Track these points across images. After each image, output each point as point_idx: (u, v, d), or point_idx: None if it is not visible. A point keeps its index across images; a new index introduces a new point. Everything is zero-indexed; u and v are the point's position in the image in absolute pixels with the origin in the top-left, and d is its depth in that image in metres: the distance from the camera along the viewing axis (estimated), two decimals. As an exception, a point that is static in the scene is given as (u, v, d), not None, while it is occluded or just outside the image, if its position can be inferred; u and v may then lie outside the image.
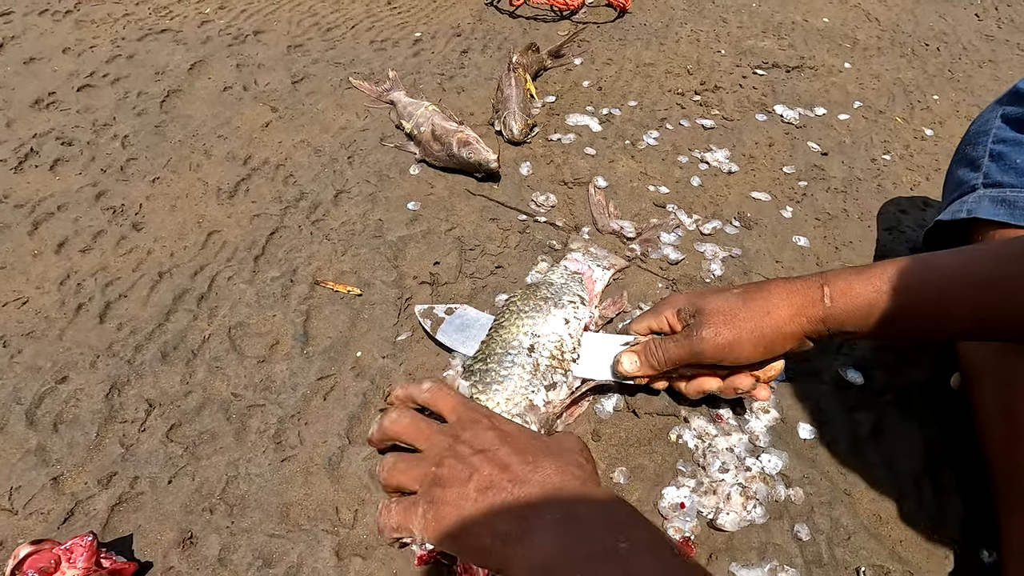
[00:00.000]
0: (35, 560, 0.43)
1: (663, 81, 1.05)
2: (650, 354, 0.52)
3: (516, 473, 0.36)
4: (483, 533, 0.35)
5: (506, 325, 0.59)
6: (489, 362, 0.56)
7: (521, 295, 0.63)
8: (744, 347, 0.48)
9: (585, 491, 0.36)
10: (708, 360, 0.50)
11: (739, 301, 0.49)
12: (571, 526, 0.33)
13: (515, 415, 0.53)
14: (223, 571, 0.48)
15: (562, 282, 0.65)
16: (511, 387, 0.54)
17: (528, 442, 0.39)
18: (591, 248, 0.72)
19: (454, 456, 0.38)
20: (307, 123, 0.93)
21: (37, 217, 0.76)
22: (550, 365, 0.56)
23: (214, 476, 0.53)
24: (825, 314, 0.47)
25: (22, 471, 0.53)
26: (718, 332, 0.48)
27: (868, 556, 0.50)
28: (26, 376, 0.60)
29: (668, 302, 0.54)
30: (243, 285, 0.69)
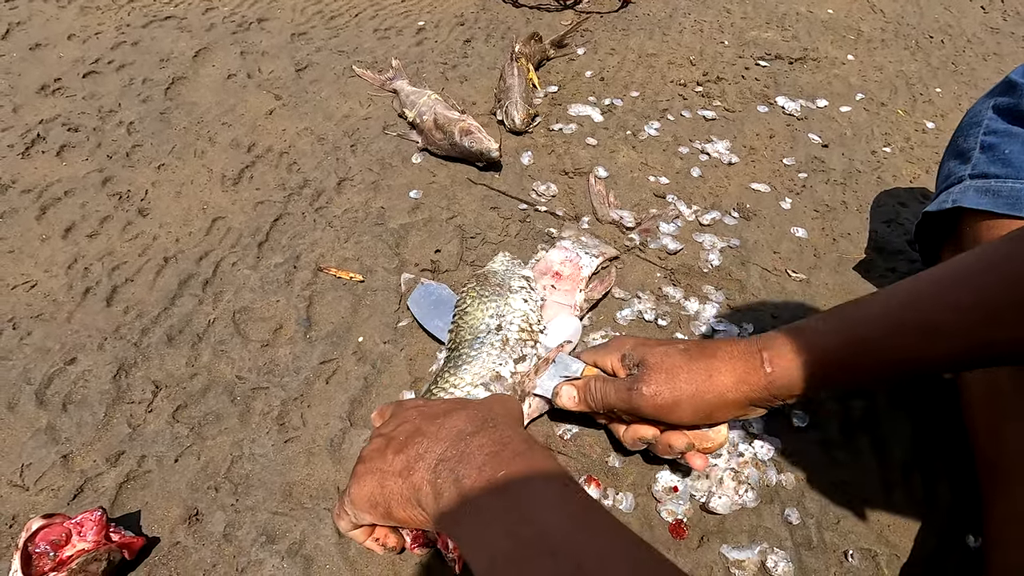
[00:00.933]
0: (47, 533, 0.45)
1: (665, 72, 1.05)
2: (589, 394, 0.51)
3: (425, 430, 0.39)
4: (399, 487, 0.37)
5: (470, 311, 0.60)
6: (461, 348, 0.57)
7: (475, 284, 0.63)
8: (683, 410, 0.46)
9: (479, 429, 0.37)
10: (646, 416, 0.48)
11: (683, 359, 0.47)
12: (464, 465, 0.35)
13: (479, 385, 0.54)
14: (228, 547, 0.49)
15: (504, 268, 0.66)
16: (479, 363, 0.55)
17: (443, 406, 0.42)
18: (582, 237, 0.73)
19: (377, 435, 0.41)
20: (310, 111, 0.93)
21: (44, 202, 0.77)
22: (520, 339, 0.57)
23: (219, 456, 0.55)
24: (767, 381, 0.45)
25: (32, 449, 0.54)
26: (658, 391, 0.46)
27: (856, 540, 0.51)
28: (35, 357, 0.61)
29: (615, 345, 0.53)
30: (247, 271, 0.70)
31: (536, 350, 0.57)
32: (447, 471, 0.35)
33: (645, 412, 0.47)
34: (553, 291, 0.65)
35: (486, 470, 0.34)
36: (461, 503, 0.34)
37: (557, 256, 0.69)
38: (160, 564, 0.48)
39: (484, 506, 0.33)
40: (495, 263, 0.67)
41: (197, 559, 0.48)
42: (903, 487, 0.55)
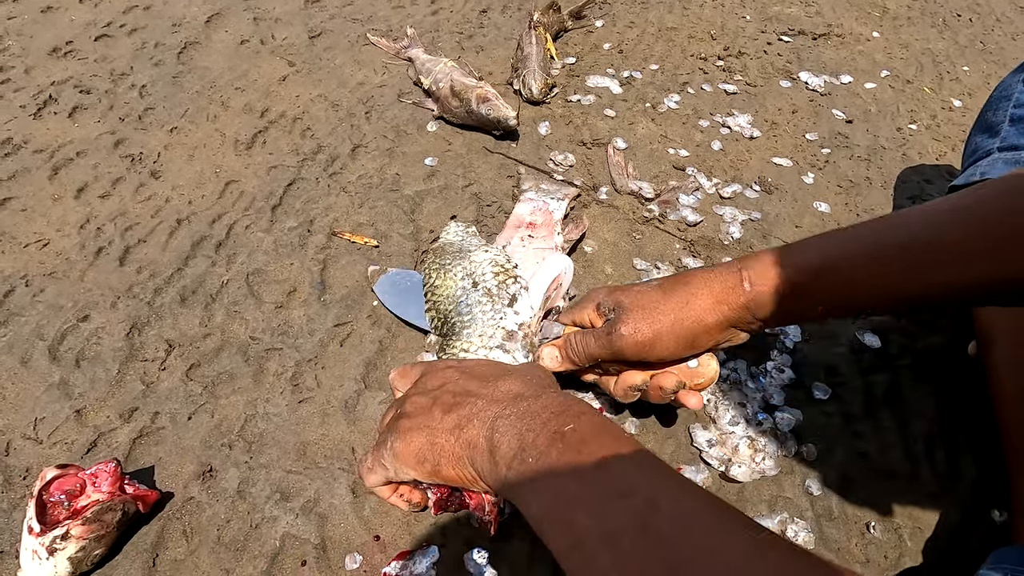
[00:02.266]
0: (61, 483, 0.44)
1: (686, 46, 1.03)
2: (570, 349, 0.49)
3: (477, 391, 0.39)
4: (451, 444, 0.37)
5: (439, 283, 0.58)
6: (450, 318, 0.56)
7: (433, 258, 0.61)
8: (665, 342, 0.45)
9: (540, 393, 0.38)
10: (629, 358, 0.46)
11: (659, 294, 0.46)
12: (526, 421, 0.35)
13: (495, 348, 0.53)
14: (242, 503, 0.49)
15: (459, 239, 0.63)
16: (480, 325, 0.54)
17: (488, 368, 0.42)
18: (542, 184, 0.72)
19: (416, 394, 0.41)
20: (324, 78, 0.92)
21: (57, 163, 0.77)
22: (500, 282, 0.56)
23: (233, 414, 0.54)
24: (747, 300, 0.43)
25: (46, 403, 0.54)
26: (637, 328, 0.44)
27: (878, 512, 0.50)
28: (48, 314, 0.61)
29: (589, 296, 0.51)
30: (261, 234, 0.69)
31: (519, 283, 0.56)
32: (507, 427, 0.35)
33: (627, 353, 0.45)
34: (532, 240, 0.64)
35: (551, 425, 0.34)
36: (522, 451, 0.34)
37: (525, 208, 0.68)
38: (174, 518, 0.48)
39: (550, 455, 0.33)
40: (448, 233, 0.65)
41: (211, 514, 0.48)
42: (926, 461, 0.54)
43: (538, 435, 0.34)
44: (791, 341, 0.61)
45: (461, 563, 0.46)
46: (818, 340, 0.62)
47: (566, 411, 0.35)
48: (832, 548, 0.48)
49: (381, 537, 0.47)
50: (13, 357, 0.57)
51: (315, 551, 0.46)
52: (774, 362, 0.59)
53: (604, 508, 0.30)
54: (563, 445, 0.33)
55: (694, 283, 0.45)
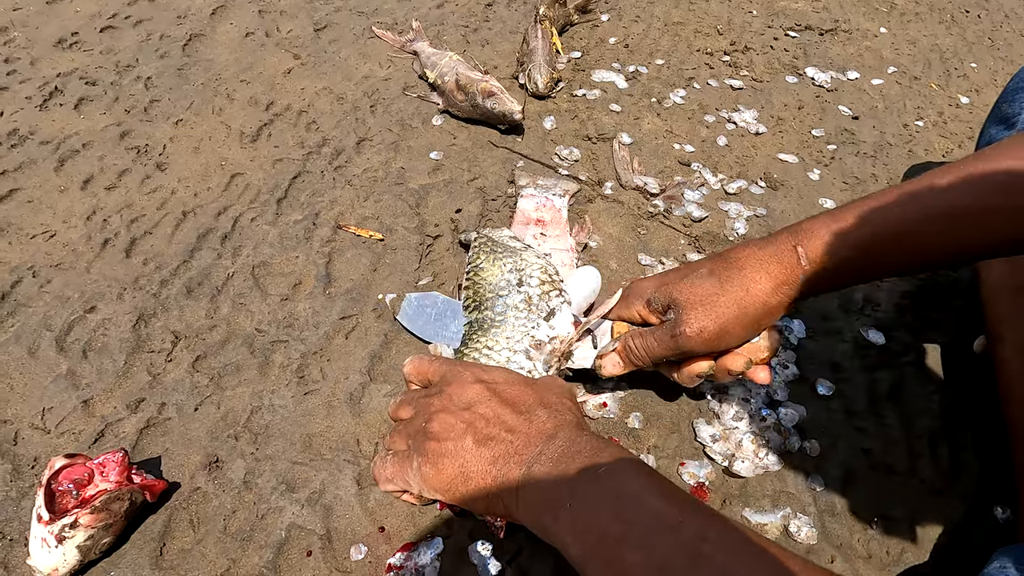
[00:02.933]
0: (69, 472, 0.45)
1: (692, 41, 1.03)
2: (632, 353, 0.48)
3: (512, 425, 0.38)
4: (487, 482, 0.37)
5: (485, 267, 0.58)
6: (483, 308, 0.56)
7: (485, 241, 0.61)
8: (732, 334, 0.45)
9: (575, 434, 0.37)
10: (698, 353, 0.46)
11: (714, 284, 0.45)
12: (562, 466, 0.35)
13: (519, 352, 0.53)
14: (248, 493, 0.49)
15: (493, 236, 0.63)
16: (510, 328, 0.54)
17: (517, 390, 0.41)
18: (539, 180, 0.71)
19: (444, 411, 0.40)
20: (329, 71, 0.92)
21: (63, 154, 0.77)
22: (543, 292, 0.56)
23: (239, 406, 0.54)
24: (807, 276, 0.44)
25: (53, 393, 0.54)
26: (703, 327, 0.44)
27: (881, 508, 0.50)
28: (55, 305, 0.61)
29: (635, 291, 0.50)
30: (266, 226, 0.69)
31: (563, 297, 0.56)
32: (543, 473, 0.35)
33: (696, 350, 0.45)
34: (545, 239, 0.64)
35: (586, 468, 0.34)
36: (560, 495, 0.34)
37: (529, 204, 0.68)
38: (181, 508, 0.48)
39: (590, 497, 0.33)
40: (479, 236, 0.64)
41: (217, 504, 0.48)
42: (930, 458, 0.54)
43: (576, 480, 0.34)
44: (795, 337, 0.61)
45: (465, 555, 0.46)
46: (822, 336, 0.62)
47: (599, 454, 0.35)
48: (835, 544, 0.48)
49: (386, 528, 0.47)
50: (20, 347, 0.57)
51: (320, 542, 0.47)
52: (778, 358, 0.59)
53: (652, 542, 0.30)
54: (600, 488, 0.33)
55: (749, 266, 0.44)
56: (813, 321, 0.63)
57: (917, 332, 0.63)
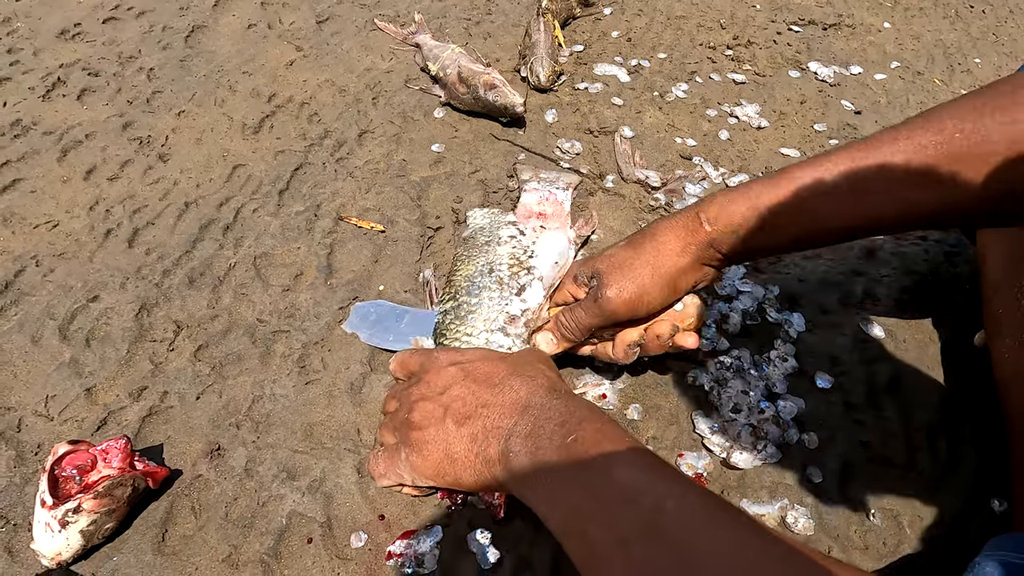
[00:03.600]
0: (73, 458, 0.45)
1: (694, 34, 1.02)
2: (562, 327, 0.51)
3: (486, 399, 0.39)
4: (471, 460, 0.37)
5: (460, 268, 0.59)
6: (459, 297, 0.57)
7: (462, 250, 0.62)
8: (651, 293, 0.48)
9: (547, 399, 0.38)
10: (621, 317, 0.48)
11: (630, 251, 0.49)
12: (535, 439, 0.36)
13: (496, 331, 0.53)
14: (249, 481, 0.50)
15: (488, 222, 0.64)
16: (485, 310, 0.55)
17: (490, 366, 0.41)
18: (541, 174, 0.71)
19: (423, 399, 0.40)
20: (332, 63, 0.92)
21: (65, 144, 0.77)
22: (512, 273, 0.57)
23: (240, 395, 0.55)
24: (709, 238, 0.47)
25: (56, 381, 0.55)
26: (622, 287, 0.47)
27: (878, 500, 0.51)
28: (58, 294, 0.61)
29: (566, 273, 0.53)
30: (268, 217, 0.70)
31: (532, 275, 0.57)
32: (519, 445, 0.36)
33: (620, 313, 0.48)
34: (544, 231, 0.64)
35: (556, 438, 0.35)
36: (535, 469, 0.34)
37: (532, 198, 0.68)
38: (183, 495, 0.49)
39: (560, 470, 0.34)
40: (475, 218, 0.65)
41: (219, 492, 0.49)
42: (928, 451, 0.54)
43: (547, 451, 0.34)
44: (795, 331, 0.61)
45: (464, 543, 0.47)
46: (822, 330, 0.62)
47: (569, 419, 0.36)
48: (832, 535, 0.49)
49: (386, 516, 0.48)
50: (24, 336, 0.58)
51: (321, 529, 0.47)
52: (777, 351, 0.59)
53: (613, 516, 0.31)
54: (569, 458, 0.34)
55: (659, 232, 0.48)
56: (812, 315, 0.63)
57: (917, 326, 0.63)
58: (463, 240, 0.63)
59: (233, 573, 0.45)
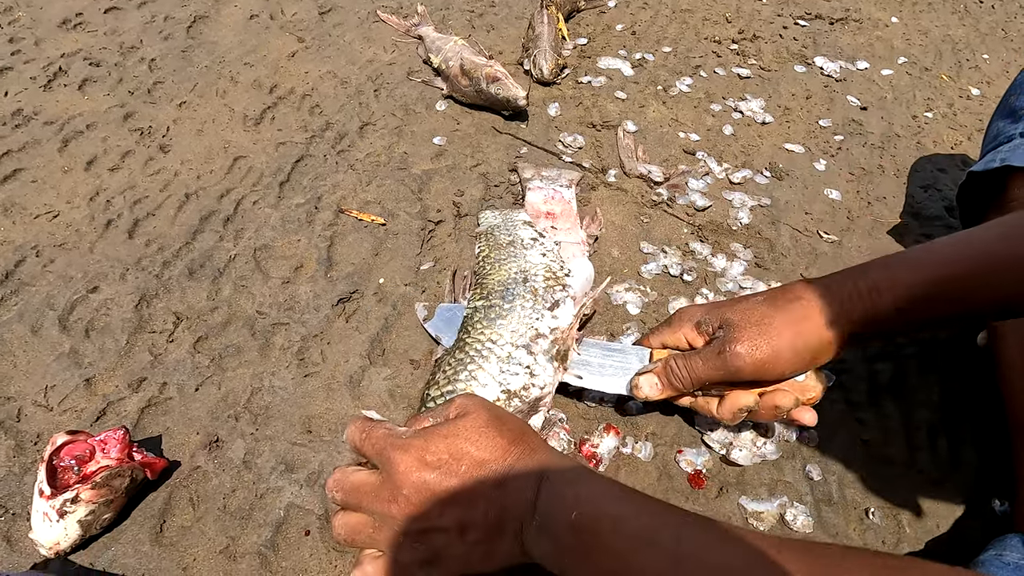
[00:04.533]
0: (71, 449, 0.45)
1: (700, 28, 1.01)
2: (672, 375, 0.46)
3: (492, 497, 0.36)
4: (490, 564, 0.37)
5: (492, 272, 0.58)
6: (492, 298, 0.56)
7: (485, 246, 0.61)
8: (784, 361, 0.43)
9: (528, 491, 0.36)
10: (746, 378, 0.44)
11: (769, 308, 0.44)
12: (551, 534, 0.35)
13: (520, 347, 0.52)
14: (247, 473, 0.50)
15: (502, 222, 0.64)
16: (516, 318, 0.54)
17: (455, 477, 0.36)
18: (543, 172, 0.71)
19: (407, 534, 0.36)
20: (334, 55, 0.91)
21: (66, 135, 0.77)
22: (548, 287, 0.56)
23: (239, 387, 0.55)
24: (865, 312, 0.42)
25: (56, 371, 0.55)
26: (756, 346, 0.42)
27: (878, 498, 0.50)
28: (58, 284, 0.61)
29: (684, 315, 0.48)
30: (268, 209, 0.69)
31: (566, 292, 0.56)
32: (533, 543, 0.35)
33: (744, 373, 0.43)
34: (556, 232, 0.64)
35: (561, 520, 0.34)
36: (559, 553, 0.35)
37: (538, 197, 0.67)
38: (181, 486, 0.49)
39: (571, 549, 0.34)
40: (487, 218, 0.65)
41: (217, 483, 0.49)
42: (928, 450, 0.54)
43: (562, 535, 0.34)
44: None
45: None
46: (824, 327, 0.61)
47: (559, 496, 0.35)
48: (831, 533, 0.48)
49: (384, 510, 0.48)
50: (24, 326, 0.58)
51: (319, 521, 0.47)
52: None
53: (640, 566, 0.32)
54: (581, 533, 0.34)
55: (806, 297, 0.43)
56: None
57: (920, 324, 0.62)
58: (480, 237, 0.63)
59: (231, 565, 0.45)
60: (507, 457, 0.37)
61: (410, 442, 0.37)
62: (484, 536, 0.36)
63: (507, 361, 0.51)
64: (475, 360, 0.51)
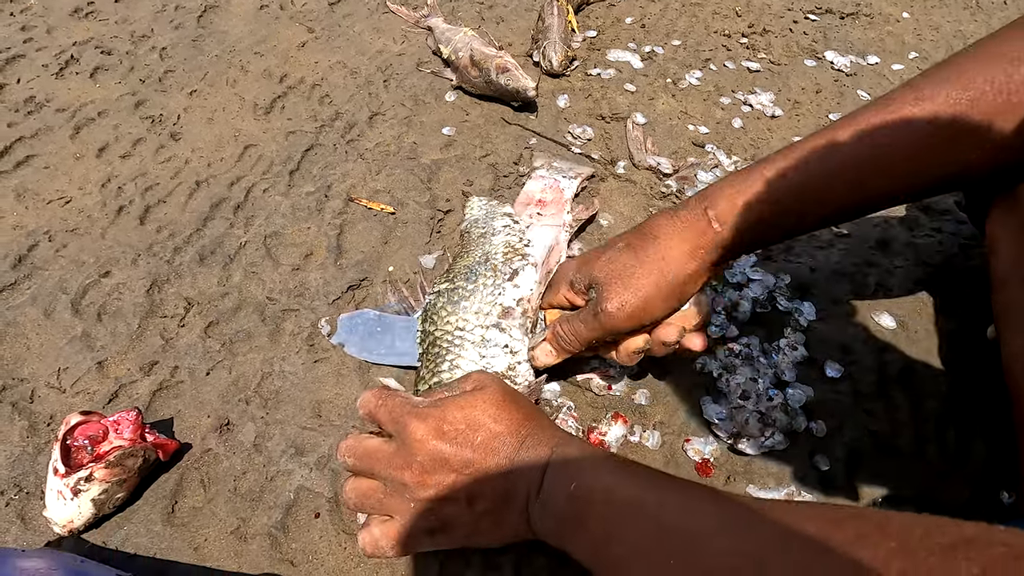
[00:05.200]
0: (84, 429, 0.46)
1: (709, 22, 1.01)
2: (561, 339, 0.48)
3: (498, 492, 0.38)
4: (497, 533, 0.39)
5: (459, 260, 0.58)
6: (456, 281, 0.56)
7: (462, 242, 0.61)
8: (656, 305, 0.44)
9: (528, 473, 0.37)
10: (625, 331, 0.46)
11: (630, 256, 0.45)
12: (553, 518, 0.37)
13: (491, 327, 0.51)
14: (258, 456, 0.50)
15: (484, 213, 0.64)
16: (479, 298, 0.53)
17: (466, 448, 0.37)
18: (554, 163, 0.71)
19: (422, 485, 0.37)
20: (343, 45, 0.91)
21: (78, 122, 0.77)
22: (507, 259, 0.56)
23: (250, 371, 0.55)
24: (718, 238, 0.44)
25: (69, 354, 0.55)
26: (624, 300, 0.44)
27: (886, 488, 0.50)
28: (71, 269, 0.62)
29: (559, 276, 0.50)
30: (278, 197, 0.70)
31: (527, 260, 0.56)
32: (540, 522, 0.37)
33: (623, 327, 0.45)
34: (540, 218, 0.64)
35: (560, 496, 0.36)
36: (559, 524, 0.36)
37: (536, 186, 0.67)
38: (192, 468, 0.49)
39: (576, 520, 0.35)
40: (472, 209, 0.65)
41: (228, 465, 0.49)
42: (936, 442, 0.53)
43: (562, 507, 0.36)
44: (805, 320, 0.61)
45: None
46: (833, 320, 0.61)
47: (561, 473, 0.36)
48: (838, 522, 0.48)
49: (393, 493, 0.48)
50: (37, 309, 0.58)
51: (328, 504, 0.47)
52: (787, 339, 0.59)
53: (624, 533, 0.33)
54: (578, 503, 0.35)
55: (661, 235, 0.45)
56: (823, 304, 0.62)
57: (929, 318, 0.62)
58: (461, 233, 0.63)
59: (241, 545, 0.45)
60: (521, 431, 0.38)
61: (428, 411, 0.38)
62: (493, 507, 0.37)
63: (483, 345, 0.51)
64: (451, 350, 0.51)
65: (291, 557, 0.45)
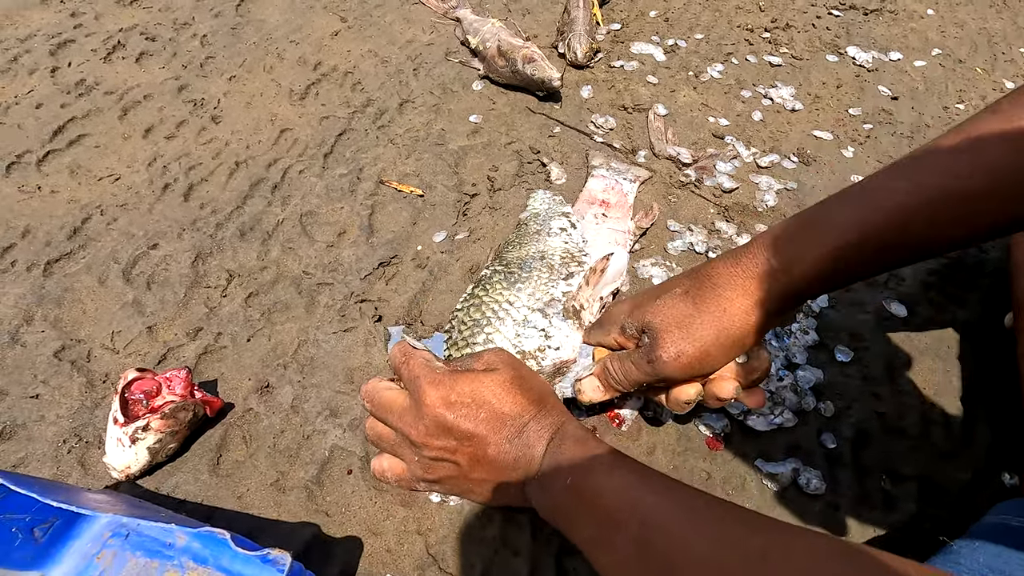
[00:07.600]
0: (140, 384, 0.50)
1: (732, 16, 1.02)
2: (611, 377, 0.46)
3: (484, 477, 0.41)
4: (505, 496, 0.42)
5: (512, 251, 0.61)
6: (511, 267, 0.58)
7: (516, 233, 0.64)
8: (715, 357, 0.42)
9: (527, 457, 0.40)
10: (679, 379, 0.44)
11: (689, 305, 0.42)
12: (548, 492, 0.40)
13: (536, 310, 0.54)
14: (295, 416, 0.54)
15: (545, 208, 0.66)
16: (533, 284, 0.56)
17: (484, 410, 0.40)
18: (612, 163, 0.73)
19: (442, 462, 0.41)
20: (375, 35, 0.94)
21: (125, 104, 0.81)
22: (563, 262, 0.58)
23: (287, 339, 0.59)
24: (786, 289, 0.41)
25: (121, 319, 0.59)
26: (680, 351, 0.42)
27: (891, 466, 0.52)
28: (121, 240, 0.66)
29: (609, 315, 0.48)
30: (313, 179, 0.73)
31: (582, 268, 0.58)
32: (537, 496, 0.40)
33: (676, 377, 0.43)
34: (605, 219, 0.66)
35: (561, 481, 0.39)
36: (553, 510, 0.39)
37: (598, 185, 0.70)
38: (235, 425, 0.53)
39: (569, 509, 0.38)
40: (536, 201, 0.68)
41: (268, 424, 0.53)
42: (943, 425, 0.55)
43: (556, 494, 0.38)
44: (817, 306, 0.63)
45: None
46: (844, 306, 0.63)
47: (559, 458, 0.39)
48: (843, 496, 0.51)
49: (420, 454, 0.51)
50: (91, 277, 0.63)
51: (360, 462, 0.51)
52: (799, 324, 0.61)
53: (611, 539, 0.35)
54: (571, 498, 0.37)
55: (723, 284, 0.42)
56: (835, 292, 0.64)
57: (940, 307, 0.64)
58: (519, 222, 0.65)
59: (280, 496, 0.49)
60: (524, 415, 0.40)
61: (441, 378, 0.41)
62: (489, 478, 0.41)
63: (523, 324, 0.53)
64: (491, 323, 0.53)
65: (326, 508, 0.49)
